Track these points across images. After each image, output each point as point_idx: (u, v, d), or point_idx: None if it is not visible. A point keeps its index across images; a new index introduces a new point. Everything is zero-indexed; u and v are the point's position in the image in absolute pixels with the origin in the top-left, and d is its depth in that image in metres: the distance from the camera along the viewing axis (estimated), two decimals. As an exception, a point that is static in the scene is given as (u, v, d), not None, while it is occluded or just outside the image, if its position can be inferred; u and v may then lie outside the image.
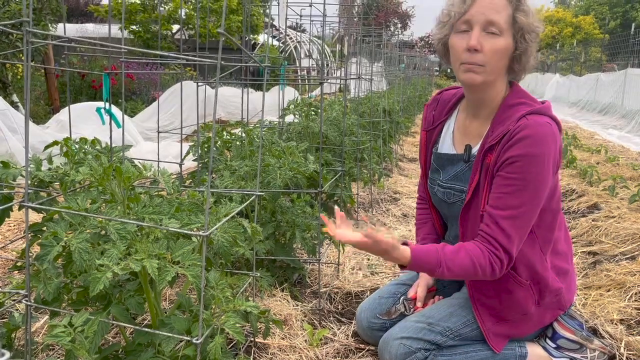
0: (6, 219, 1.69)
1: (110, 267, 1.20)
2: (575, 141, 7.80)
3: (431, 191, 1.83)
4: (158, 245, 1.30)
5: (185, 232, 1.25)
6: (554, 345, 1.74)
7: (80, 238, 1.26)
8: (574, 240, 3.31)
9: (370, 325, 1.92)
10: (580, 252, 3.06)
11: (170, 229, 1.26)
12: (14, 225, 3.10)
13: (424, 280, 1.90)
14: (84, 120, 4.69)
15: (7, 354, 0.62)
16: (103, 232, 1.36)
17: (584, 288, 2.54)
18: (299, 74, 13.55)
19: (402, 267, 1.56)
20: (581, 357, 1.74)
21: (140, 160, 1.68)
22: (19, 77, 7.95)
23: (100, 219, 1.30)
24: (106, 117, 1.67)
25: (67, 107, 4.89)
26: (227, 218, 1.41)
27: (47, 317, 1.85)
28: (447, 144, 1.78)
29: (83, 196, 1.37)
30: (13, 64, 7.43)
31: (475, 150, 1.67)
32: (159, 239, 1.33)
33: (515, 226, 1.51)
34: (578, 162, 5.65)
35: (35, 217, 1.78)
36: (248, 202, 1.67)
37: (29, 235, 1.60)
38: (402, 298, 1.90)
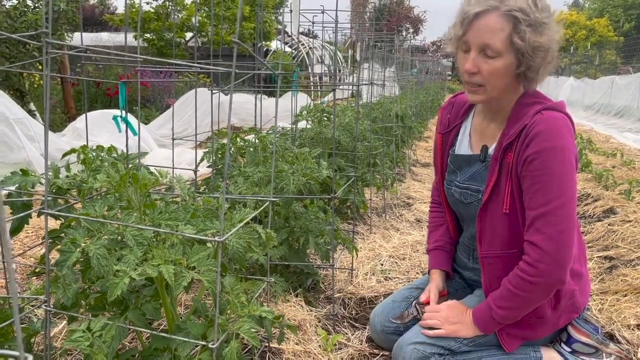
0: (25, 225, 1.72)
1: (128, 272, 1.22)
2: (591, 145, 7.72)
3: (448, 192, 1.84)
4: (174, 251, 1.32)
5: (201, 237, 1.26)
6: (569, 350, 1.73)
7: (98, 244, 1.28)
8: (589, 244, 3.27)
9: (384, 330, 1.92)
10: (597, 257, 3.03)
11: (186, 234, 1.28)
12: (32, 232, 3.15)
13: (435, 284, 1.89)
14: (99, 127, 4.75)
15: (30, 358, 0.64)
16: (120, 239, 1.38)
17: (600, 293, 2.51)
18: (311, 80, 13.60)
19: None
20: (597, 362, 1.73)
21: (156, 167, 1.70)
22: (35, 85, 8.08)
23: (118, 225, 1.32)
24: (122, 125, 1.70)
25: (83, 115, 4.96)
26: (242, 224, 1.42)
27: (65, 322, 1.88)
28: (464, 146, 1.79)
29: (100, 203, 1.40)
30: (30, 73, 7.57)
31: (491, 150, 1.68)
32: (175, 244, 1.35)
33: (548, 223, 1.49)
34: (593, 166, 5.59)
35: (53, 224, 1.81)
36: (262, 208, 1.69)
37: (48, 241, 1.63)
38: (414, 302, 1.90)
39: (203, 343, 1.23)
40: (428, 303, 1.84)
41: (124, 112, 1.69)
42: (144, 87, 9.91)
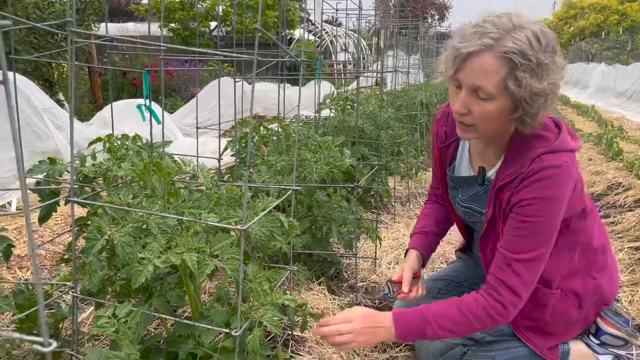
0: (53, 213, 1.75)
1: (152, 260, 1.23)
2: (622, 133, 7.52)
3: (453, 205, 1.79)
4: (197, 239, 1.32)
5: (224, 226, 1.27)
6: (597, 342, 1.69)
7: (122, 232, 1.29)
8: (619, 235, 3.19)
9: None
10: (627, 247, 2.95)
11: (209, 222, 1.28)
12: (61, 220, 3.22)
13: (409, 264, 1.77)
14: (125, 117, 4.81)
15: (54, 344, 0.65)
16: (144, 227, 1.40)
17: (631, 284, 2.45)
18: (335, 68, 13.53)
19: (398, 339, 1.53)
20: (626, 353, 1.68)
21: (180, 156, 1.71)
22: (64, 76, 8.22)
23: (142, 214, 1.33)
24: (147, 114, 1.71)
25: (109, 105, 5.03)
26: (265, 212, 1.42)
27: (92, 308, 1.92)
28: (464, 165, 1.71)
29: (125, 191, 1.41)
30: (59, 64, 7.71)
31: (490, 174, 1.60)
32: (199, 232, 1.36)
33: (529, 268, 1.45)
34: (625, 154, 5.45)
35: (80, 212, 1.84)
36: (285, 196, 1.68)
37: (75, 229, 1.66)
38: (386, 280, 1.80)
39: (226, 331, 1.24)
40: (401, 282, 1.74)
41: (147, 101, 1.70)
42: (169, 77, 10.00)
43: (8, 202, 3.41)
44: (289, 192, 1.70)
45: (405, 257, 1.85)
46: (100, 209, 1.50)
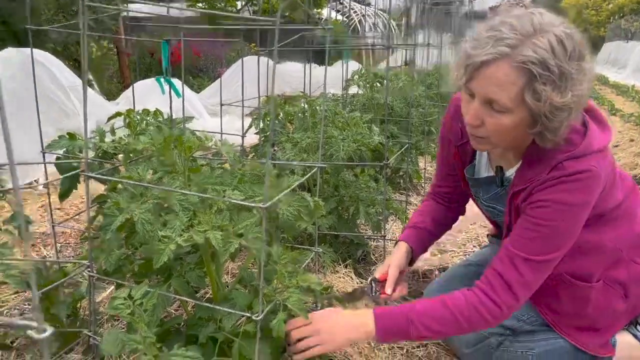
0: (75, 190, 1.71)
1: (173, 238, 1.16)
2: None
3: (476, 201, 1.66)
4: (221, 217, 1.25)
5: (244, 203, 1.19)
6: (646, 334, 1.57)
7: (142, 209, 1.23)
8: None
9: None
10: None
11: (231, 200, 1.20)
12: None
13: (396, 258, 1.61)
14: (150, 94, 4.77)
15: (50, 330, 0.57)
16: (165, 205, 1.33)
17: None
18: (362, 48, 13.29)
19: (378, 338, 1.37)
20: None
21: (203, 132, 1.64)
22: (93, 56, 8.29)
23: (162, 190, 1.26)
24: (166, 87, 1.64)
25: (136, 84, 5.02)
26: (288, 190, 1.34)
27: (113, 287, 1.88)
28: (483, 164, 1.57)
29: (144, 166, 1.34)
30: (87, 44, 7.77)
31: (509, 174, 1.46)
32: (222, 210, 1.29)
33: (535, 270, 1.31)
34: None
35: (102, 190, 1.80)
36: (310, 174, 1.60)
37: (93, 206, 1.61)
38: (370, 278, 1.64)
39: (248, 314, 1.17)
40: (385, 280, 1.58)
41: (166, 73, 1.63)
42: (197, 57, 9.97)
43: (35, 180, 3.42)
44: (314, 169, 1.61)
45: (394, 248, 1.69)
46: (119, 185, 1.44)
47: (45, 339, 0.60)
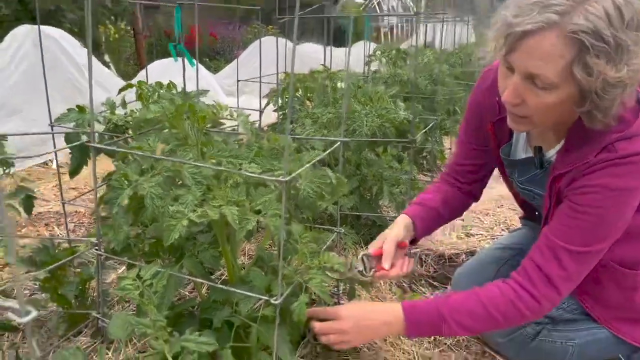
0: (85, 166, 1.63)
1: (186, 214, 1.07)
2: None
3: (510, 183, 1.53)
4: (237, 192, 1.15)
5: (263, 177, 1.08)
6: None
7: (152, 182, 1.13)
8: None
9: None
10: None
11: (248, 173, 1.09)
12: (99, 174, 3.14)
13: (393, 232, 1.45)
14: (166, 74, 4.70)
15: (34, 313, 0.46)
16: (177, 179, 1.23)
17: None
18: (381, 30, 13.06)
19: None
20: None
21: (217, 102, 1.53)
22: (111, 39, 8.26)
23: (174, 162, 1.16)
24: (179, 59, 1.53)
25: (151, 64, 4.93)
26: (309, 164, 1.23)
27: (124, 267, 1.80)
28: (521, 144, 1.43)
29: (154, 137, 1.24)
30: (105, 27, 7.74)
31: (549, 155, 1.32)
32: (238, 184, 1.19)
33: (579, 262, 1.18)
34: None
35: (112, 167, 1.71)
36: (331, 148, 1.49)
37: (104, 183, 1.52)
38: (361, 254, 1.47)
39: (266, 298, 1.07)
40: (380, 255, 1.42)
41: (179, 39, 1.52)
42: (213, 39, 9.86)
43: (50, 160, 3.36)
44: (336, 144, 1.49)
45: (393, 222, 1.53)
46: (129, 157, 1.35)
47: (27, 323, 0.51)
